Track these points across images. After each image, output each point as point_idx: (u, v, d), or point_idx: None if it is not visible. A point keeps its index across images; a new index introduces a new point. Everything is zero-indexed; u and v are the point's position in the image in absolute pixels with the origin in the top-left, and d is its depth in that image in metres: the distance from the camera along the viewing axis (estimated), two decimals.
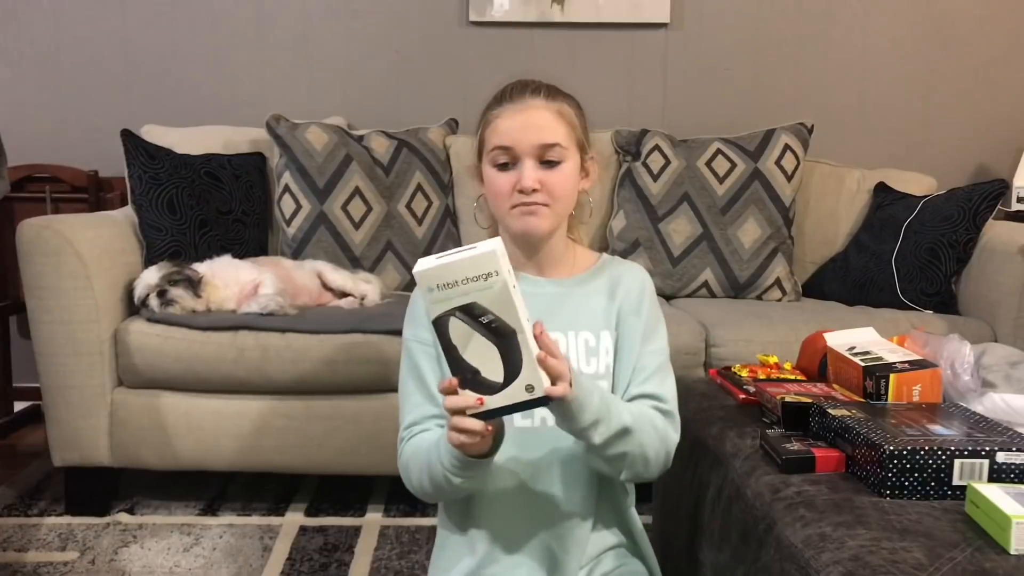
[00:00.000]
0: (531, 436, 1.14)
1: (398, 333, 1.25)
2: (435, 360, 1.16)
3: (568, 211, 1.18)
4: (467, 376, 0.92)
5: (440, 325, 0.91)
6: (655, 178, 2.52)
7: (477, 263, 0.88)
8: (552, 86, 1.18)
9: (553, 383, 0.93)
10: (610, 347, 1.17)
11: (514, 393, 0.91)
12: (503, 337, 0.90)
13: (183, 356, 1.99)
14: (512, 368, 0.91)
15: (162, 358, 1.99)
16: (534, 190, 1.11)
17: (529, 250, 1.18)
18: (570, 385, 0.95)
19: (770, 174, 2.50)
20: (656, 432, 1.10)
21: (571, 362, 1.14)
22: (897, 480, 0.99)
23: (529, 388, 0.91)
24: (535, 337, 0.92)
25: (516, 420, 1.13)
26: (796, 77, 2.92)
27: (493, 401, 0.92)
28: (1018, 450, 0.99)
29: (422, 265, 0.90)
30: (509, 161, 1.13)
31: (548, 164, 1.13)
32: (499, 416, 0.94)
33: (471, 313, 0.89)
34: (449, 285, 0.89)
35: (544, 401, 0.92)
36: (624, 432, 1.03)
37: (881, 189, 2.60)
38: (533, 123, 1.13)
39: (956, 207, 2.33)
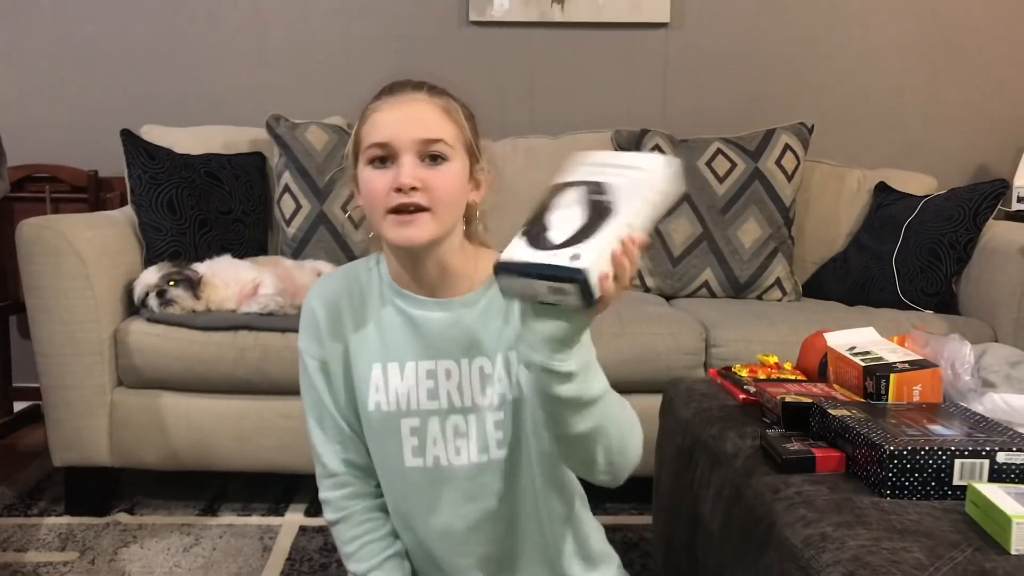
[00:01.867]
0: (431, 475, 1.08)
1: None
2: (327, 376, 1.09)
3: (454, 219, 1.03)
4: (533, 230, 0.81)
5: (557, 191, 0.84)
6: None
7: (643, 159, 0.83)
8: (438, 86, 1.07)
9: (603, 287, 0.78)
10: (503, 373, 1.05)
11: (558, 256, 0.77)
12: (601, 214, 0.79)
13: (183, 356, 1.99)
14: (579, 237, 0.78)
15: (162, 358, 1.99)
16: (413, 188, 0.97)
17: (415, 265, 1.05)
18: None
19: (770, 174, 2.50)
20: (626, 411, 0.98)
21: (465, 394, 1.06)
22: (897, 480, 0.99)
23: (575, 257, 0.76)
24: (628, 242, 0.79)
25: (408, 460, 1.07)
26: (796, 77, 2.92)
27: (532, 255, 0.78)
28: (1018, 450, 0.99)
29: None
30: (387, 156, 0.99)
31: (431, 161, 0.99)
32: (518, 274, 0.79)
33: (593, 190, 0.82)
34: (600, 165, 0.83)
35: (575, 277, 0.76)
36: (594, 401, 0.90)
37: (881, 189, 2.60)
38: (414, 116, 1.00)
39: (956, 207, 2.33)
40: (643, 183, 0.80)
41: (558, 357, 0.85)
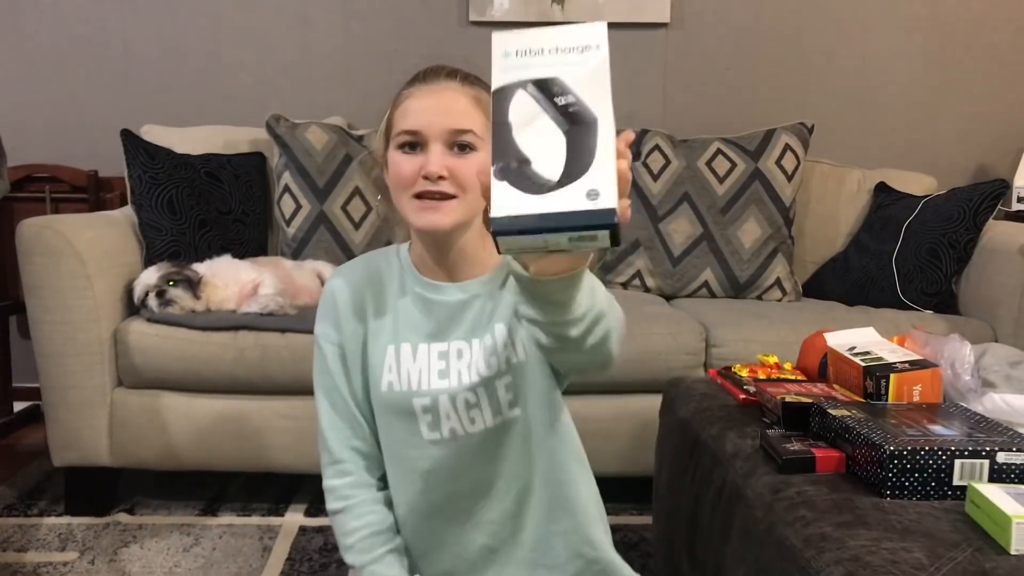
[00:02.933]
0: (443, 448, 1.09)
1: None
2: (344, 362, 1.10)
3: (479, 205, 1.05)
4: (510, 164, 0.68)
5: (501, 97, 0.69)
6: (655, 178, 2.52)
7: (577, 33, 0.71)
8: (472, 75, 1.08)
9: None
10: (507, 339, 1.06)
11: (571, 197, 0.66)
12: (580, 124, 0.68)
13: (183, 356, 1.99)
14: (577, 165, 0.67)
15: (162, 358, 1.99)
16: (440, 177, 1.00)
17: (440, 250, 1.08)
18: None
19: (770, 174, 2.50)
20: (614, 308, 0.97)
21: (474, 371, 1.07)
22: (897, 480, 0.99)
23: (592, 194, 0.66)
24: (622, 148, 0.70)
25: (425, 434, 1.08)
26: (796, 77, 2.92)
27: (538, 203, 0.66)
28: (1018, 450, 0.99)
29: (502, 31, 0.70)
30: (417, 143, 1.02)
31: (459, 150, 1.02)
32: (534, 234, 0.67)
33: (548, 90, 0.69)
34: (532, 52, 0.70)
35: (605, 222, 0.66)
36: (600, 316, 0.90)
37: (881, 189, 2.60)
38: (446, 106, 1.03)
39: (956, 207, 2.33)
40: (597, 66, 0.70)
41: (566, 314, 0.84)
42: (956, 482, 0.99)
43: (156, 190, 2.27)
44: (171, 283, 2.03)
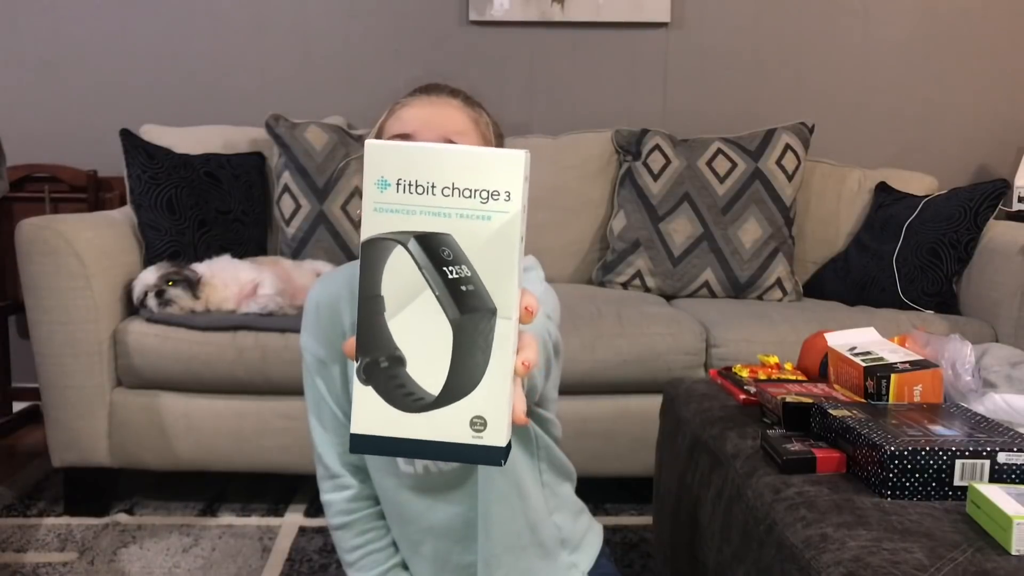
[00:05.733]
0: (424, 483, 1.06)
1: None
2: (326, 374, 1.07)
3: None
4: (379, 362, 0.53)
5: (372, 252, 0.53)
6: (655, 178, 2.52)
7: (484, 166, 0.51)
8: (473, 98, 1.05)
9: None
10: None
11: (451, 424, 0.53)
12: (472, 312, 0.52)
13: (182, 356, 1.98)
14: (462, 376, 0.52)
15: (161, 358, 1.99)
16: None
17: None
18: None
19: (771, 174, 2.50)
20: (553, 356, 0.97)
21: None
22: (898, 480, 0.99)
23: (478, 424, 0.52)
24: (526, 355, 0.54)
25: (402, 466, 1.05)
26: (796, 77, 2.91)
27: (408, 426, 0.53)
28: (1019, 450, 0.98)
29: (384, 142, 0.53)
30: None
31: None
32: (391, 451, 0.54)
33: (434, 252, 0.52)
34: (420, 186, 0.52)
35: (488, 461, 0.53)
36: (549, 364, 0.91)
37: (882, 189, 2.60)
38: (443, 117, 0.99)
39: (957, 207, 2.32)
40: (504, 228, 0.51)
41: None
42: (957, 482, 0.99)
43: (155, 190, 2.27)
44: (170, 283, 2.03)
